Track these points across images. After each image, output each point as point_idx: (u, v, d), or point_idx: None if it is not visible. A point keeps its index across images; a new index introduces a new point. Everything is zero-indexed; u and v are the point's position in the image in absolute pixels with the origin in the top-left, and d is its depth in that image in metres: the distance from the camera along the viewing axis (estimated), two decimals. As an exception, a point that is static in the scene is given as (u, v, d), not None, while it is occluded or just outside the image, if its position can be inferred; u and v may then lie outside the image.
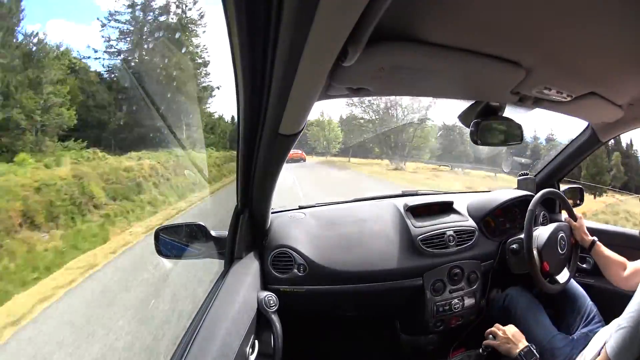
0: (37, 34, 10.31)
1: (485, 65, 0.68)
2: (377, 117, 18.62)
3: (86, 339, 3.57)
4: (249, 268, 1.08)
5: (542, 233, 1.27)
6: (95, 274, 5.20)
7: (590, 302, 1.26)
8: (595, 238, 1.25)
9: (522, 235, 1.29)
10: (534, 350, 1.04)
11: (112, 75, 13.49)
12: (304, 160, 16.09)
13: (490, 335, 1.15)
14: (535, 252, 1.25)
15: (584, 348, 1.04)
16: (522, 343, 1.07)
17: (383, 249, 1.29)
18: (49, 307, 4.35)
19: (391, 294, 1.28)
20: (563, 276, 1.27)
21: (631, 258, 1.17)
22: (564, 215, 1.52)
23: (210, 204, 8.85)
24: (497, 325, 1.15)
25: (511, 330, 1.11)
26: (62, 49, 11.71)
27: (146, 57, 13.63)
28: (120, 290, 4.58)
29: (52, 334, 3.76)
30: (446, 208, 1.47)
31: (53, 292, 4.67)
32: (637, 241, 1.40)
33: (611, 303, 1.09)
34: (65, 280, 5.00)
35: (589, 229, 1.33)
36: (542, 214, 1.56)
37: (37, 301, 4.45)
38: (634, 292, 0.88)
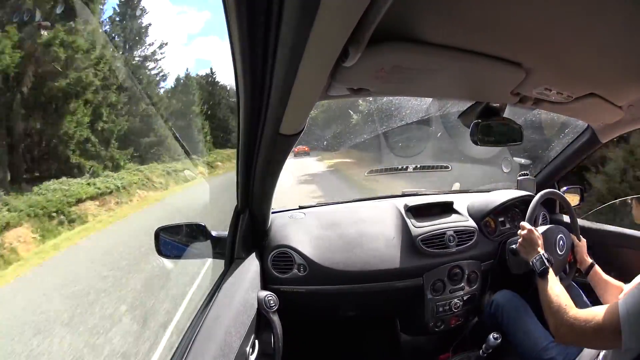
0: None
1: (485, 65, 0.68)
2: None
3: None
4: (249, 268, 1.08)
5: (541, 233, 1.27)
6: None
7: (586, 305, 1.25)
8: (593, 261, 1.21)
9: None
10: (545, 261, 1.02)
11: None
12: (309, 155, 18.27)
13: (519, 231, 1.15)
14: None
15: (579, 353, 1.01)
16: (537, 251, 1.06)
17: (383, 249, 1.29)
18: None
19: (391, 294, 1.28)
20: None
21: (633, 258, 1.16)
22: (564, 216, 1.53)
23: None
24: (523, 224, 1.15)
25: (532, 236, 1.10)
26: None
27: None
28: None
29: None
30: (446, 208, 1.46)
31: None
32: (638, 242, 1.40)
33: None
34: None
35: (589, 228, 1.32)
36: (542, 214, 1.56)
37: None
38: None
